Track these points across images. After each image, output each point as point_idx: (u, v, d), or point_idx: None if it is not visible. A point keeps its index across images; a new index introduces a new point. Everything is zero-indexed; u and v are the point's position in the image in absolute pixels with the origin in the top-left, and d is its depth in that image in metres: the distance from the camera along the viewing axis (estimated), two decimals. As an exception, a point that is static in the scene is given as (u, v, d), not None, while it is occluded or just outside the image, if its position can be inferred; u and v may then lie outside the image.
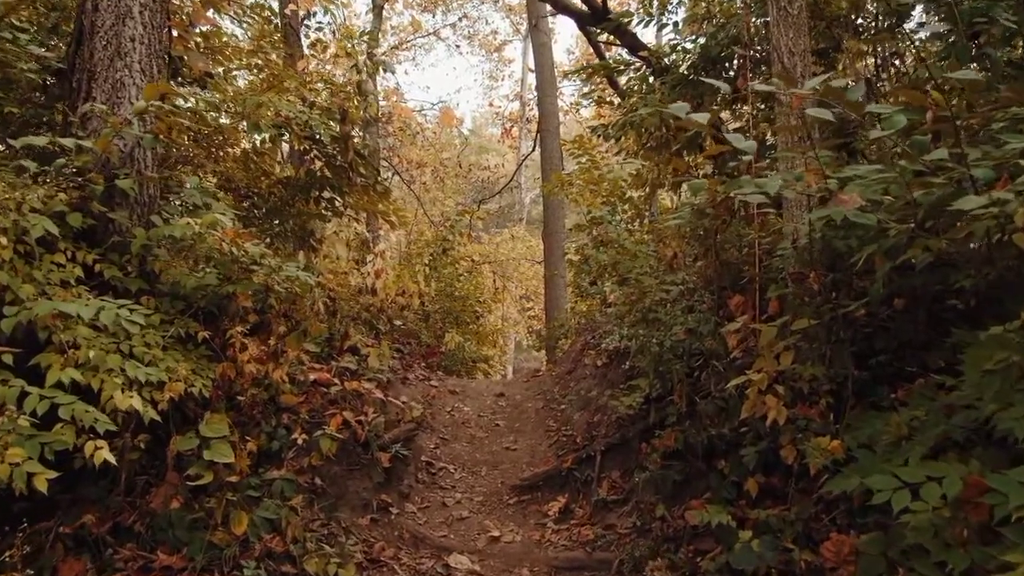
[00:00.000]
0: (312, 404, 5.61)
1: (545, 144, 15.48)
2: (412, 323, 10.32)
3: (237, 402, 5.18)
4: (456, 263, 11.93)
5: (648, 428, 5.67)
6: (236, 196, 7.84)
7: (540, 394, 7.82)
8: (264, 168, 7.82)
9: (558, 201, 15.03)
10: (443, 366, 10.55)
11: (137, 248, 5.17)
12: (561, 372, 8.23)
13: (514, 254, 19.28)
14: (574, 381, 7.63)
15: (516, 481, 6.01)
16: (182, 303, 5.33)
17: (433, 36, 22.65)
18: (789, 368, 4.75)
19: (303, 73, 8.39)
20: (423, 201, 17.98)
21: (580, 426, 6.47)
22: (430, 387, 7.85)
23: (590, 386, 7.13)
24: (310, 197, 7.26)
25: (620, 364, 6.85)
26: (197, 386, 4.85)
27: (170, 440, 4.78)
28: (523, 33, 26.21)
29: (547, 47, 16.15)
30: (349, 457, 5.55)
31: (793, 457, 4.54)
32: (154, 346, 4.85)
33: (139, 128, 5.64)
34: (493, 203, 24.15)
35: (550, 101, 15.88)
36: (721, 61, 7.23)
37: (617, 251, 10.42)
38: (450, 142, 20.33)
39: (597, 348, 7.61)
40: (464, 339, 11.06)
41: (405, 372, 7.93)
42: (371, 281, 9.84)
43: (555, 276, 14.58)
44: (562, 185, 11.13)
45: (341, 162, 6.90)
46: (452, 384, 8.19)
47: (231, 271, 5.30)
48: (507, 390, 8.13)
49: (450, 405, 7.54)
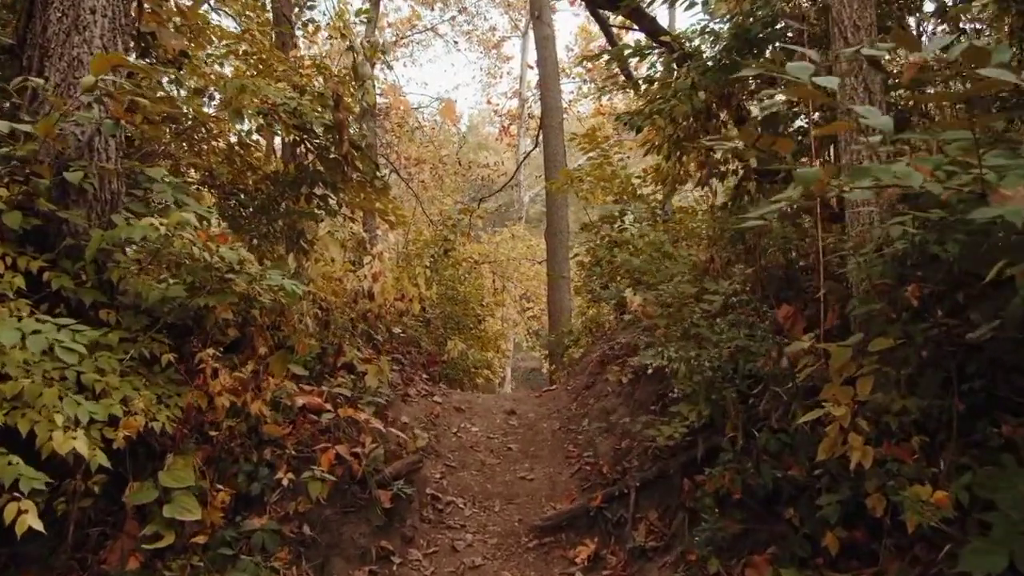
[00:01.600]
0: (300, 435, 4.70)
1: (548, 140, 14.60)
2: (412, 329, 9.42)
3: (210, 436, 4.27)
4: (458, 264, 11.03)
5: (691, 461, 4.79)
6: (221, 193, 6.96)
7: (555, 412, 6.93)
8: (250, 162, 6.91)
9: (561, 199, 14.17)
10: (445, 375, 9.66)
11: (92, 253, 4.26)
12: (577, 386, 7.34)
13: (514, 254, 18.36)
14: (593, 398, 6.75)
15: (536, 520, 5.12)
16: (147, 318, 4.43)
17: (431, 32, 21.71)
18: (870, 398, 3.90)
19: (294, 60, 7.47)
20: (422, 200, 17.07)
21: (606, 454, 5.58)
22: (433, 404, 6.95)
23: (613, 405, 6.24)
24: (301, 194, 6.35)
25: (649, 383, 5.97)
26: (161, 419, 3.95)
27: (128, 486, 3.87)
28: (522, 30, 25.30)
29: (550, 40, 15.25)
30: (343, 497, 4.65)
31: (882, 509, 3.68)
32: (109, 372, 3.94)
33: (99, 112, 4.73)
34: (491, 202, 23.24)
35: (553, 96, 14.98)
36: (760, 42, 6.33)
37: (633, 252, 9.56)
38: (449, 139, 19.40)
39: (620, 362, 6.72)
40: (467, 345, 10.16)
41: (406, 387, 7.03)
42: (368, 285, 8.95)
43: (559, 278, 13.70)
44: (571, 182, 10.25)
45: (335, 155, 6.00)
46: (457, 400, 7.30)
47: (205, 280, 4.40)
48: (518, 407, 7.23)
49: (456, 425, 6.64)
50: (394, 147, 15.34)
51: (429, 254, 10.26)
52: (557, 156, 14.33)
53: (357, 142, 6.00)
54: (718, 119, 7.02)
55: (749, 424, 4.49)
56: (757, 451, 4.28)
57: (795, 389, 4.31)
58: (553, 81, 15.18)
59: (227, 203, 6.92)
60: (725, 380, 4.61)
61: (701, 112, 6.81)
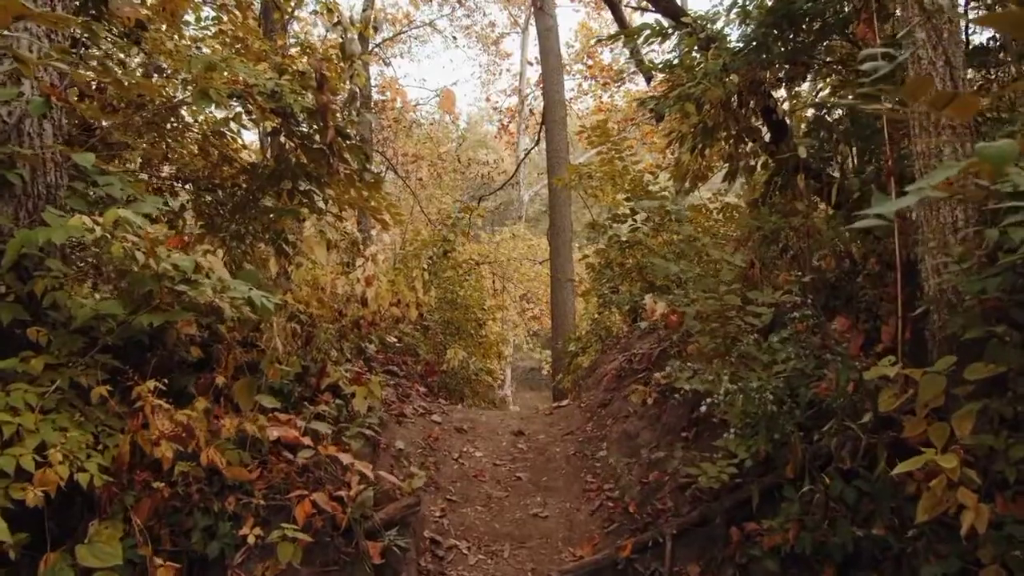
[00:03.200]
0: (272, 478, 3.83)
1: (551, 136, 13.74)
2: (409, 336, 8.55)
3: (156, 487, 3.40)
4: (458, 267, 10.15)
5: (740, 505, 3.94)
6: (196, 189, 6.10)
7: (568, 433, 6.07)
8: (226, 153, 6.04)
9: (565, 197, 13.32)
10: (445, 385, 8.79)
11: (10, 259, 3.39)
12: (591, 403, 6.48)
13: (515, 254, 17.47)
14: (611, 418, 5.89)
15: (553, 570, 4.26)
16: (85, 338, 3.57)
17: (429, 27, 20.76)
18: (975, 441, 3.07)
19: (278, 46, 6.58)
20: (420, 198, 16.18)
21: (631, 488, 4.73)
22: (432, 424, 6.09)
23: (636, 428, 5.39)
24: (281, 189, 5.48)
25: (679, 404, 5.12)
26: (90, 469, 3.08)
27: (45, 556, 3.00)
28: (521, 25, 24.39)
29: (552, 31, 14.37)
30: (325, 552, 3.79)
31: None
32: (24, 410, 3.08)
33: (31, 89, 3.87)
34: (490, 201, 22.34)
35: (556, 90, 14.12)
36: (801, 18, 5.48)
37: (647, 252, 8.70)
38: (447, 135, 18.48)
39: (642, 378, 5.87)
40: (468, 353, 9.29)
41: (401, 405, 6.16)
42: (361, 289, 8.09)
43: (563, 281, 12.86)
44: (579, 178, 9.38)
45: (319, 144, 5.14)
46: (458, 419, 6.43)
47: (154, 292, 3.53)
48: (526, 427, 6.37)
49: (458, 450, 5.78)
50: (391, 143, 14.43)
51: (427, 256, 9.38)
52: (560, 152, 13.47)
53: (344, 129, 5.12)
54: (748, 107, 6.17)
55: (813, 464, 3.64)
56: (828, 501, 3.43)
57: (873, 424, 3.46)
58: (556, 74, 14.32)
59: (204, 200, 6.07)
60: (781, 410, 3.76)
61: (732, 98, 5.97)
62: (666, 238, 8.88)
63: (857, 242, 4.86)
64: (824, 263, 4.82)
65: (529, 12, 23.03)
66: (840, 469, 3.53)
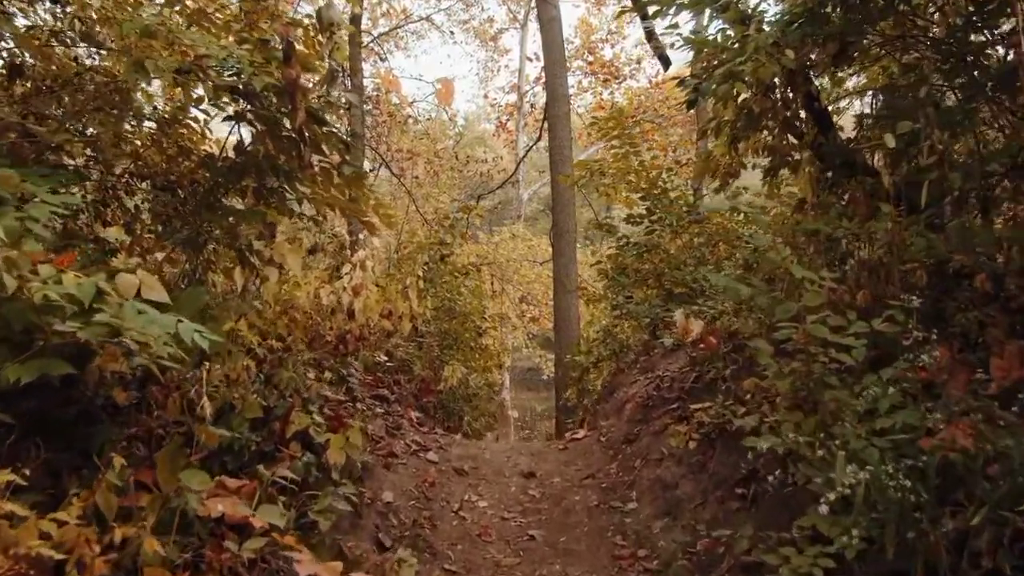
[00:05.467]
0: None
1: (554, 131, 12.65)
2: (402, 351, 7.48)
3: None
4: (456, 273, 9.06)
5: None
6: (153, 187, 5.06)
7: (588, 476, 5.01)
8: (184, 144, 4.98)
9: (569, 196, 12.25)
10: (443, 406, 7.73)
11: None
12: (614, 437, 5.42)
13: (515, 255, 16.38)
14: (640, 459, 4.83)
15: None
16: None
17: (426, 21, 19.61)
18: None
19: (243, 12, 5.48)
20: (415, 197, 15.06)
21: (676, 562, 3.67)
22: (427, 464, 5.03)
23: (674, 477, 4.33)
24: (246, 187, 4.40)
25: (728, 448, 4.07)
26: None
27: None
28: (520, 21, 23.26)
29: (556, 22, 13.27)
30: None
31: None
32: None
33: None
34: (488, 200, 21.22)
35: (560, 83, 13.01)
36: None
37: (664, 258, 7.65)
38: (445, 132, 17.34)
39: (676, 412, 4.81)
40: (467, 369, 8.22)
41: (390, 442, 5.10)
42: (348, 300, 7.01)
43: (567, 286, 11.78)
44: (590, 175, 8.31)
45: (288, 131, 4.07)
46: (458, 455, 5.36)
47: (33, 329, 2.46)
48: (537, 465, 5.30)
49: (458, 498, 4.71)
50: (385, 138, 13.31)
51: (423, 261, 8.30)
52: (564, 148, 12.39)
53: (319, 113, 4.04)
54: (798, 90, 5.12)
55: (951, 566, 2.59)
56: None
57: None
58: (559, 67, 13.21)
59: (162, 200, 5.01)
60: (899, 482, 2.70)
61: (782, 79, 4.94)
62: (685, 241, 7.86)
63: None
64: (916, 279, 3.77)
65: (528, 7, 21.94)
66: (991, 569, 2.49)
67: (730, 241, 7.86)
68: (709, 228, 7.91)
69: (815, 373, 3.12)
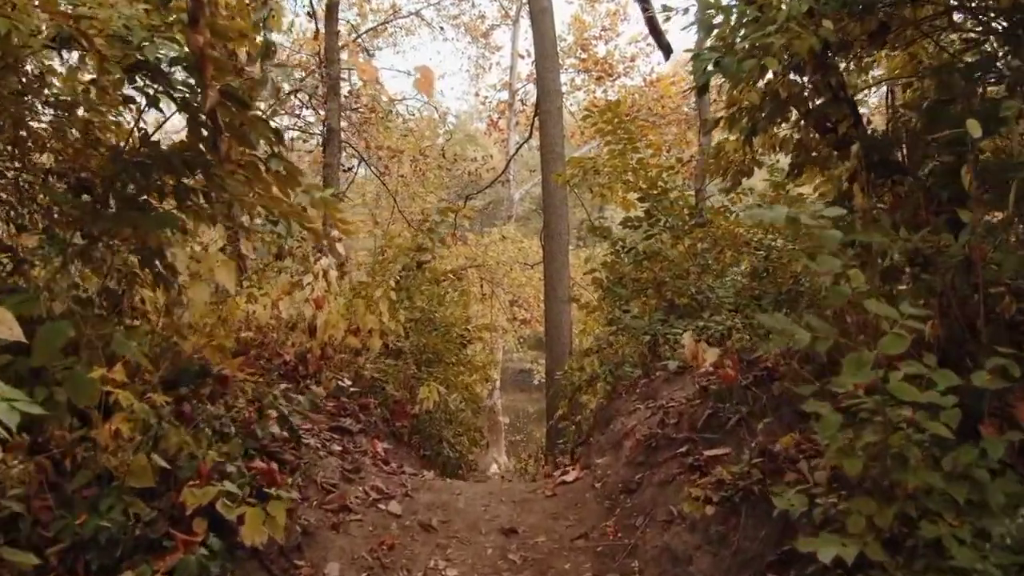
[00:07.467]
0: None
1: (545, 128, 11.74)
2: (372, 370, 6.54)
3: None
4: (436, 281, 8.11)
5: None
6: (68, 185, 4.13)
7: (581, 534, 4.08)
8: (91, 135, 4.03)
9: (561, 196, 11.36)
10: (418, 431, 6.80)
11: None
12: (610, 483, 4.50)
13: (504, 257, 15.44)
14: (643, 516, 3.91)
15: None
16: None
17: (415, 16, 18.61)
18: None
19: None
20: (401, 197, 14.08)
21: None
22: (387, 519, 4.10)
23: (687, 549, 3.42)
24: (152, 184, 3.48)
25: (757, 517, 3.17)
26: None
27: None
28: (512, 18, 22.30)
29: (548, 13, 12.35)
30: None
31: None
32: None
33: None
34: (478, 200, 20.25)
35: (552, 77, 12.10)
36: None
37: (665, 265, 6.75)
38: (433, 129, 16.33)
39: (689, 461, 3.90)
40: (448, 387, 7.29)
41: (344, 489, 4.17)
42: (310, 314, 6.10)
43: (559, 293, 10.88)
44: (584, 174, 7.39)
45: (201, 114, 3.15)
46: (426, 504, 4.42)
47: None
48: (520, 518, 4.37)
49: (421, 564, 3.78)
50: (363, 133, 12.32)
51: (397, 269, 7.35)
52: (555, 146, 11.47)
53: (238, 93, 3.11)
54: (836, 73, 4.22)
55: None
56: None
57: None
58: (551, 60, 12.29)
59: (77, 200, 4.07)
60: None
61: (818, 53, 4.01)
62: (688, 247, 6.96)
63: None
64: (1003, 306, 2.85)
65: (520, 3, 21.00)
66: None
67: (737, 247, 6.99)
68: (714, 232, 7.02)
69: (893, 447, 2.20)
